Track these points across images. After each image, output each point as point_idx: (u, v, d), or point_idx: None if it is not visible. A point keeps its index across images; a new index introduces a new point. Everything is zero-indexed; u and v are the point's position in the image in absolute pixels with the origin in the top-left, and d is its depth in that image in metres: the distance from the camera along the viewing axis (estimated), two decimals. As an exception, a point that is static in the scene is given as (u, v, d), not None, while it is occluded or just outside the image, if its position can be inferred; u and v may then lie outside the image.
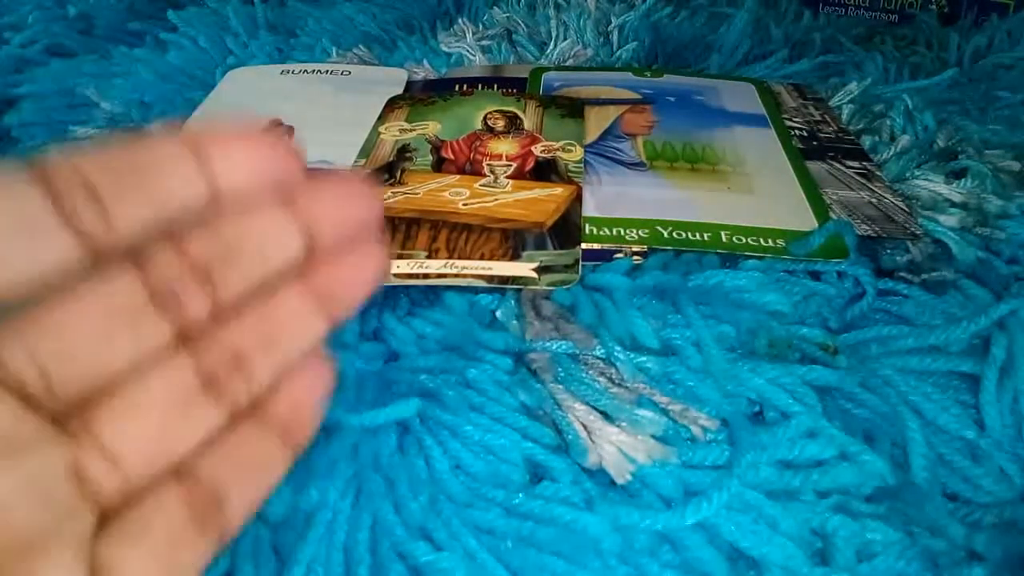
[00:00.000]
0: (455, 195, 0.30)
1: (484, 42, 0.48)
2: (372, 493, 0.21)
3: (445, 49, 0.47)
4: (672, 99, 0.40)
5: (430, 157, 0.33)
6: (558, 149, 0.34)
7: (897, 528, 0.20)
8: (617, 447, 0.22)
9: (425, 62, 0.45)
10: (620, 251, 0.29)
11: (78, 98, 0.43)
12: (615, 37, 0.48)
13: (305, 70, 0.43)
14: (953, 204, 0.32)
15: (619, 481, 0.21)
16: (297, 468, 0.21)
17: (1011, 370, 0.24)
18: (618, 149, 0.35)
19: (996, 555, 0.20)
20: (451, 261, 0.27)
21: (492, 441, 0.22)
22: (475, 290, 0.27)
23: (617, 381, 0.24)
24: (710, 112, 0.39)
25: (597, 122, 0.37)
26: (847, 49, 0.48)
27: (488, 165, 0.32)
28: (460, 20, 0.50)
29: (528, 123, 0.36)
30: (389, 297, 0.27)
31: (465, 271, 0.27)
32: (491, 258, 0.27)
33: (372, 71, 0.44)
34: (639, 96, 0.40)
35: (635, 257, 0.29)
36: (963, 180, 0.33)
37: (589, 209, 0.31)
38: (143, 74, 0.44)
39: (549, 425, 0.23)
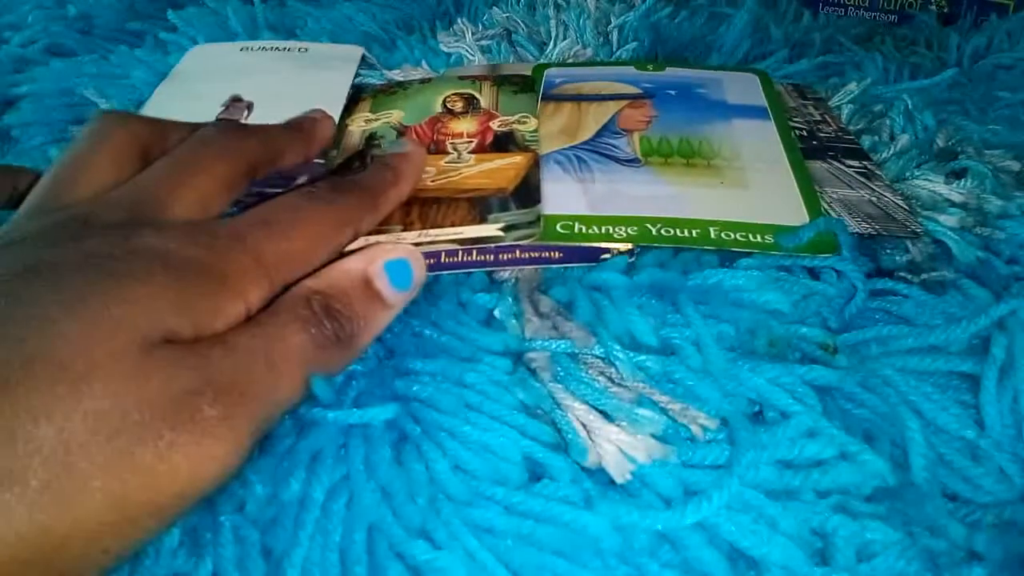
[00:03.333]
0: (423, 174, 0.32)
1: (483, 42, 0.48)
2: (368, 497, 0.21)
3: (444, 49, 0.47)
4: (673, 92, 0.40)
5: None
6: (514, 122, 0.36)
7: (897, 528, 0.20)
8: (617, 446, 0.22)
9: (424, 62, 0.45)
10: (607, 251, 0.29)
11: (78, 98, 0.43)
12: (615, 37, 0.48)
13: (264, 47, 0.45)
14: (953, 204, 0.32)
15: (619, 480, 0.21)
16: (276, 462, 0.21)
17: (1011, 370, 0.24)
18: (613, 146, 0.35)
19: (996, 555, 0.20)
20: (424, 231, 0.29)
21: (491, 440, 0.22)
22: (473, 289, 0.27)
23: (616, 380, 0.24)
24: (710, 105, 0.39)
25: (595, 118, 0.37)
26: (847, 49, 0.48)
27: (451, 144, 0.34)
28: (460, 20, 0.50)
29: (484, 102, 0.38)
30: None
31: (439, 238, 0.28)
32: (462, 224, 0.28)
33: (327, 48, 0.46)
34: (639, 91, 0.40)
35: (624, 255, 0.29)
36: (963, 180, 0.33)
37: (580, 208, 0.31)
38: (143, 74, 0.44)
39: (548, 424, 0.23)
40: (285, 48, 0.44)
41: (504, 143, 0.34)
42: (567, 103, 0.39)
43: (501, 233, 0.28)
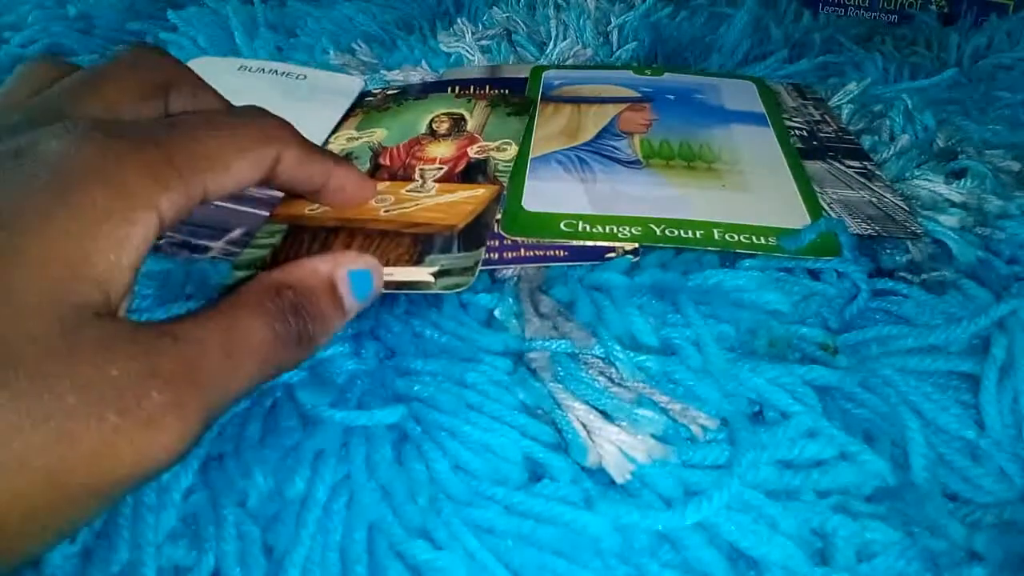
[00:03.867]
0: (380, 202, 0.29)
1: (483, 42, 0.48)
2: (368, 497, 0.21)
3: (444, 49, 0.47)
4: (672, 97, 0.40)
5: (368, 164, 0.33)
6: (493, 149, 0.33)
7: (897, 528, 0.20)
8: (617, 446, 0.22)
9: (424, 62, 0.45)
10: (612, 249, 0.29)
11: (78, 98, 0.43)
12: (615, 37, 0.48)
13: (263, 68, 0.43)
14: (953, 204, 0.32)
15: (619, 480, 0.21)
16: (280, 456, 0.21)
17: (1011, 370, 0.24)
18: (615, 147, 0.35)
19: (996, 555, 0.20)
20: None
21: (491, 440, 0.22)
22: (474, 289, 0.27)
23: (617, 380, 0.24)
24: (709, 110, 0.39)
25: (595, 120, 0.37)
26: (847, 49, 0.48)
27: (420, 170, 0.32)
28: (460, 20, 0.50)
29: (472, 124, 0.35)
30: (387, 298, 0.27)
31: None
32: (396, 263, 0.26)
33: (327, 78, 0.43)
34: (639, 95, 0.40)
35: (629, 255, 0.29)
36: (963, 180, 0.33)
37: (583, 206, 0.31)
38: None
39: (548, 424, 0.23)
40: (283, 73, 0.42)
41: (473, 173, 0.32)
42: (566, 105, 0.39)
43: (430, 279, 0.26)
